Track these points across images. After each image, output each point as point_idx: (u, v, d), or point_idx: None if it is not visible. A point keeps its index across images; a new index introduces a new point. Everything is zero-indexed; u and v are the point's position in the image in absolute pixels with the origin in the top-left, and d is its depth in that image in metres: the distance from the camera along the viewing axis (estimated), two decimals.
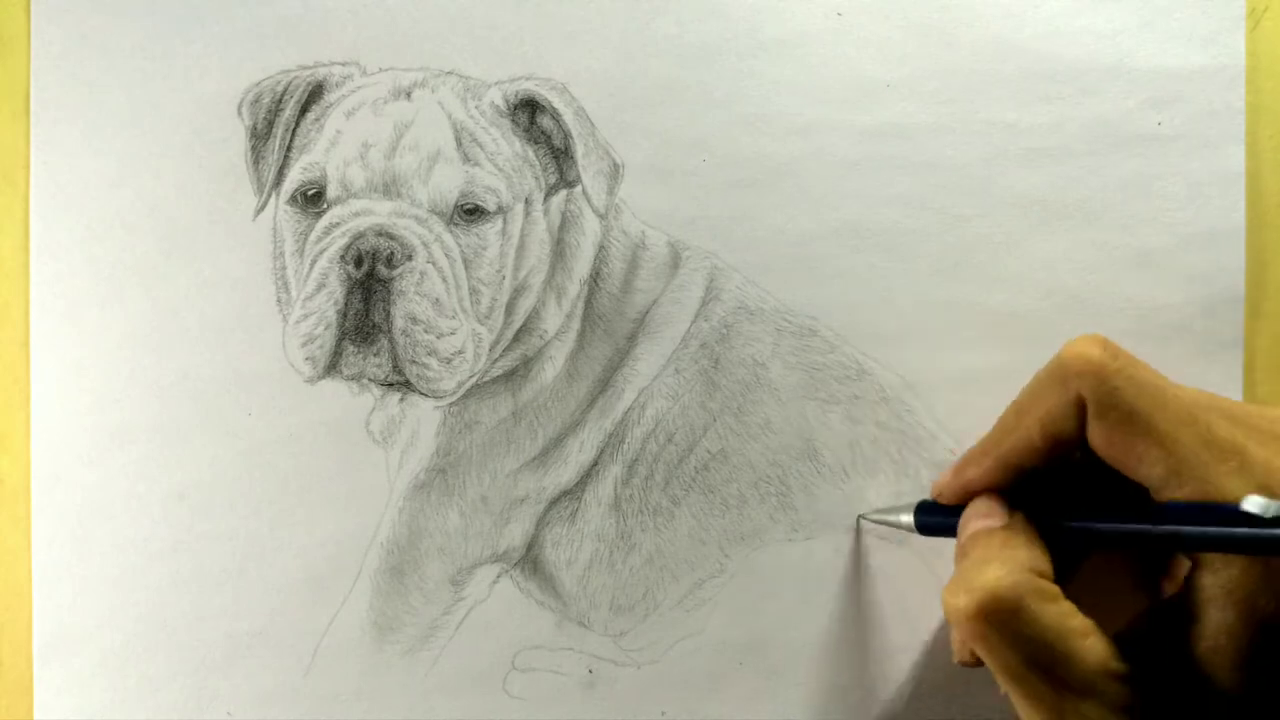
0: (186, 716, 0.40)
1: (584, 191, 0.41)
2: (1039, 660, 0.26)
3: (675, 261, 0.41)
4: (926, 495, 0.38)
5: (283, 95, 0.41)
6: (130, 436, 0.40)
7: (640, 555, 0.41)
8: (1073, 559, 0.32)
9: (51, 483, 0.40)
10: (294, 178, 0.40)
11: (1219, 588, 0.26)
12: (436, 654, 0.40)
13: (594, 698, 0.40)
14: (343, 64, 0.41)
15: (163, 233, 0.40)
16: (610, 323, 0.41)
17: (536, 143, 0.41)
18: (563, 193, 0.42)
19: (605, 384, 0.41)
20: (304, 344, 0.40)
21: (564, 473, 0.41)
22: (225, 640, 0.40)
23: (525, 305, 0.41)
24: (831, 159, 0.41)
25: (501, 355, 0.41)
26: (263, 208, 0.41)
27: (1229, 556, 0.26)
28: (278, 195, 0.41)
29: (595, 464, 0.41)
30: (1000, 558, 0.28)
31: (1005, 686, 0.28)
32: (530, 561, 0.41)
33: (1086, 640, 0.27)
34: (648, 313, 0.41)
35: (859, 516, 0.40)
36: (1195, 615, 0.27)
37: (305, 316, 0.40)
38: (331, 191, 0.40)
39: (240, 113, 0.41)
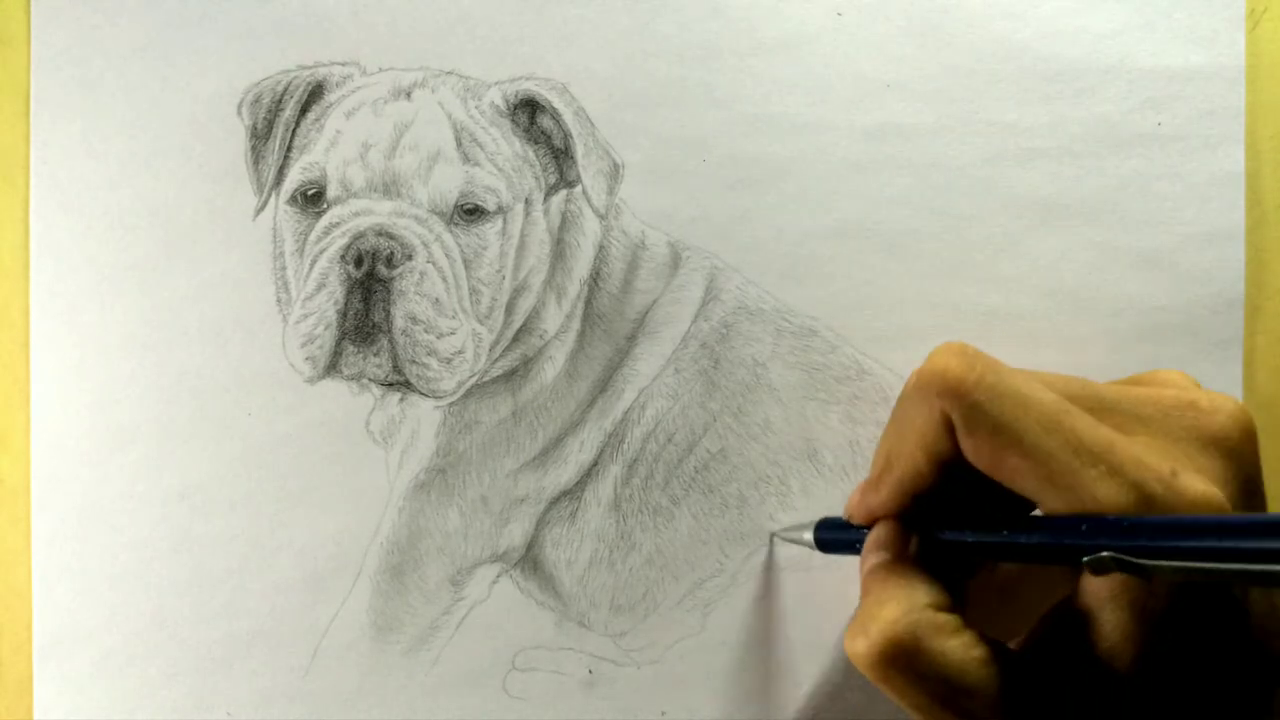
0: (186, 716, 0.40)
1: (584, 191, 0.41)
2: (943, 696, 0.26)
3: (675, 261, 0.41)
4: None
5: (283, 95, 0.41)
6: (130, 436, 0.40)
7: (640, 555, 0.41)
8: (968, 573, 0.32)
9: (51, 483, 0.40)
10: (294, 178, 0.40)
11: (1107, 591, 0.26)
12: (436, 654, 0.40)
13: (594, 698, 0.40)
14: (343, 64, 0.41)
15: (163, 233, 0.40)
16: (610, 323, 0.41)
17: (536, 143, 0.41)
18: (563, 193, 0.42)
19: (605, 384, 0.41)
20: (304, 344, 0.40)
21: (564, 473, 0.41)
22: (225, 640, 0.40)
23: (525, 305, 0.41)
24: (831, 159, 0.41)
25: (501, 355, 0.41)
26: (263, 208, 0.41)
27: None
28: (278, 195, 0.41)
29: (595, 464, 0.41)
30: (896, 597, 0.28)
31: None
32: (530, 561, 0.41)
33: (989, 669, 0.26)
34: (648, 313, 0.41)
35: (771, 534, 0.40)
36: (1089, 619, 0.27)
37: (305, 316, 0.40)
38: (331, 191, 0.40)
39: (240, 113, 0.41)
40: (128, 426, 0.40)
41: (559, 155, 0.41)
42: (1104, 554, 0.24)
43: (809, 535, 0.37)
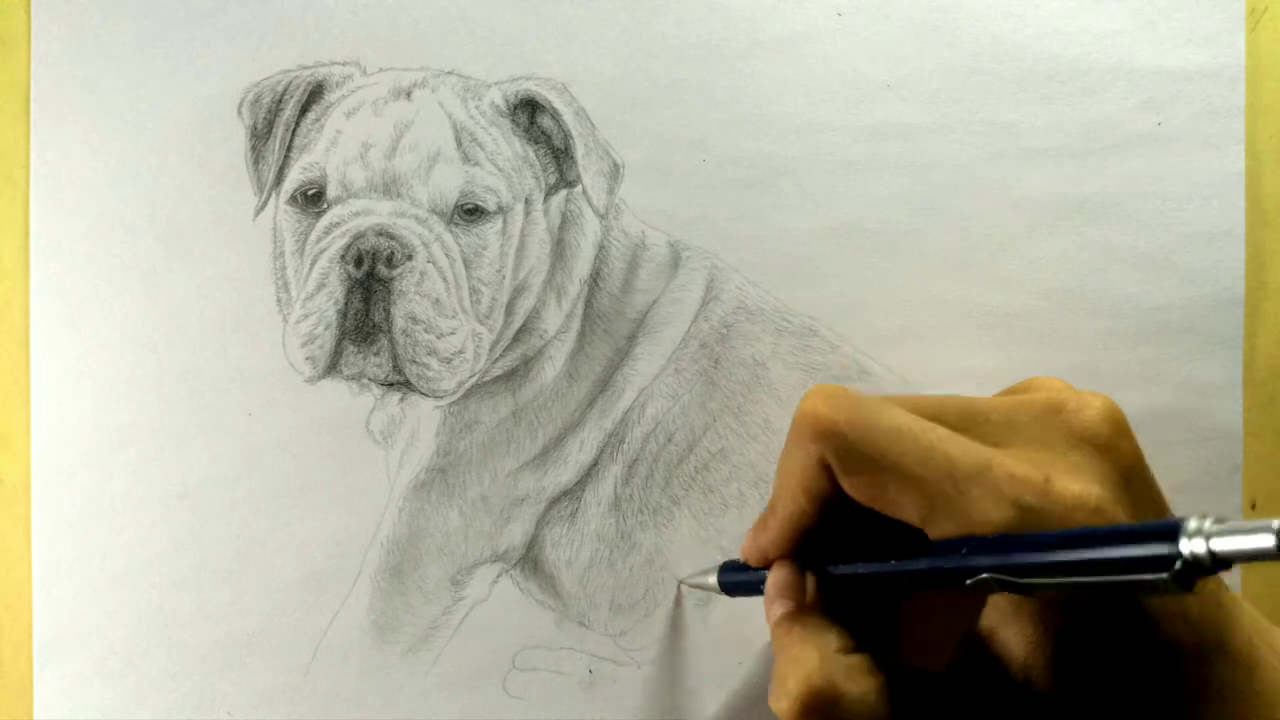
0: (186, 717, 0.40)
1: (584, 191, 0.41)
2: None
3: (675, 261, 0.41)
4: None
5: (283, 95, 0.41)
6: (130, 436, 0.40)
7: (640, 555, 0.41)
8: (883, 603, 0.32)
9: (51, 483, 0.40)
10: (294, 178, 0.40)
11: (1009, 607, 0.27)
12: (436, 654, 0.40)
13: (594, 698, 0.40)
14: (343, 64, 0.41)
15: (163, 233, 0.40)
16: (610, 323, 0.41)
17: (536, 143, 0.41)
18: (563, 193, 0.42)
19: (605, 384, 0.41)
20: (304, 344, 0.40)
21: (564, 472, 0.41)
22: (225, 640, 0.40)
23: (525, 305, 0.41)
24: (831, 159, 0.41)
25: (501, 355, 0.41)
26: (263, 208, 0.41)
27: None
28: (278, 195, 0.41)
29: (595, 464, 0.41)
30: (805, 650, 0.28)
31: None
32: (530, 561, 0.41)
33: (905, 704, 0.26)
34: (648, 313, 0.41)
35: (679, 582, 0.40)
36: (998, 636, 0.27)
37: (305, 316, 0.40)
38: (331, 191, 0.40)
39: (240, 113, 0.41)
40: (128, 426, 0.40)
41: (559, 155, 0.41)
42: (984, 575, 0.24)
43: (713, 579, 0.37)
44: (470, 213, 0.40)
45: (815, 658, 0.27)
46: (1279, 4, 0.42)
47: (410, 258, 0.39)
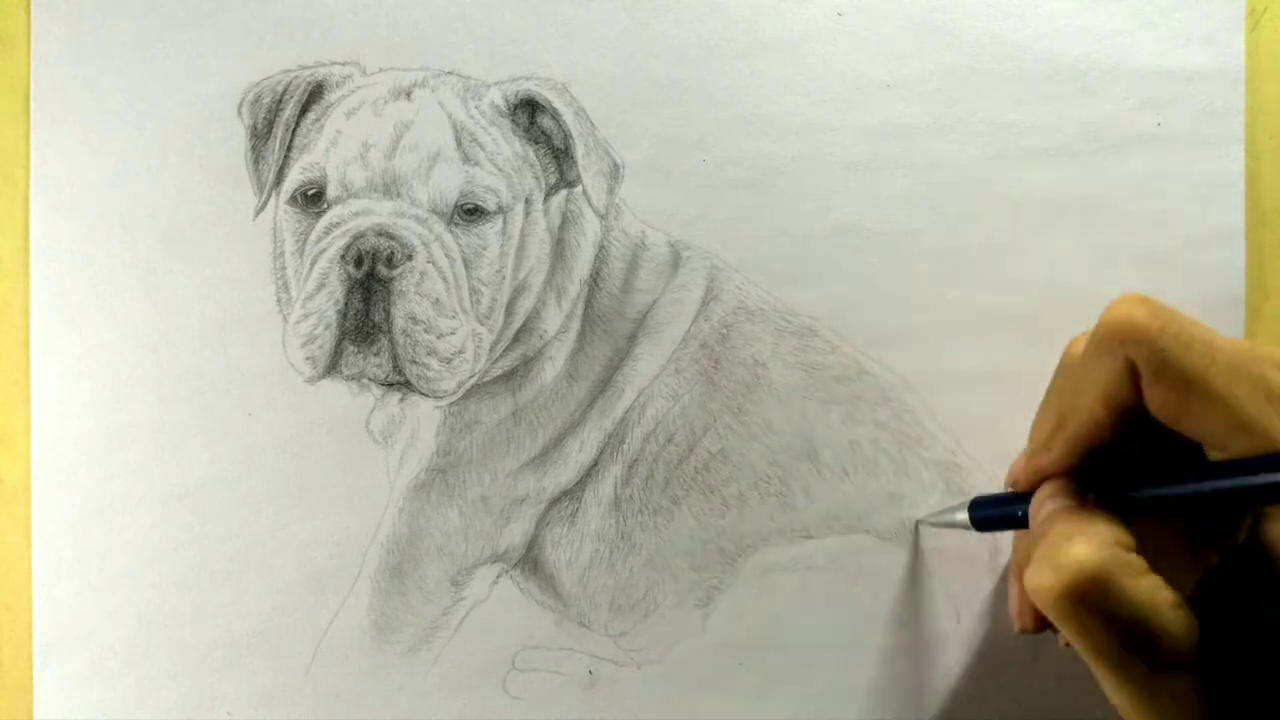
0: (186, 716, 0.40)
1: (584, 191, 0.41)
2: (1130, 637, 0.26)
3: (675, 261, 0.41)
4: (927, 495, 0.38)
5: (283, 95, 0.41)
6: (130, 436, 0.40)
7: (640, 555, 0.41)
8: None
9: (51, 483, 0.40)
10: (294, 178, 0.40)
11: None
12: (436, 654, 0.40)
13: (594, 698, 0.40)
14: (343, 64, 0.41)
15: (163, 233, 0.40)
16: (610, 323, 0.41)
17: (536, 143, 0.41)
18: (563, 193, 0.42)
19: (605, 384, 0.41)
20: (304, 344, 0.40)
21: (564, 473, 0.41)
22: (225, 640, 0.40)
23: (525, 305, 0.41)
24: (831, 159, 0.41)
25: (501, 355, 0.41)
26: (263, 208, 0.41)
27: None
28: (278, 195, 0.41)
29: (595, 464, 0.41)
30: (1084, 534, 0.27)
31: (1093, 665, 0.27)
32: (530, 561, 0.41)
33: (1177, 612, 0.26)
34: (648, 313, 0.41)
35: (916, 522, 0.40)
36: (1270, 566, 0.26)
37: (305, 316, 0.40)
38: (331, 191, 0.40)
39: (240, 113, 0.41)
40: (128, 426, 0.40)
41: (559, 155, 0.41)
42: None
43: (962, 515, 0.37)
44: (470, 213, 0.40)
45: (1094, 543, 0.27)
46: (1279, 4, 0.42)
47: (410, 258, 0.39)
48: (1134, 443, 0.29)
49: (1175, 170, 0.41)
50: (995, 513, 0.35)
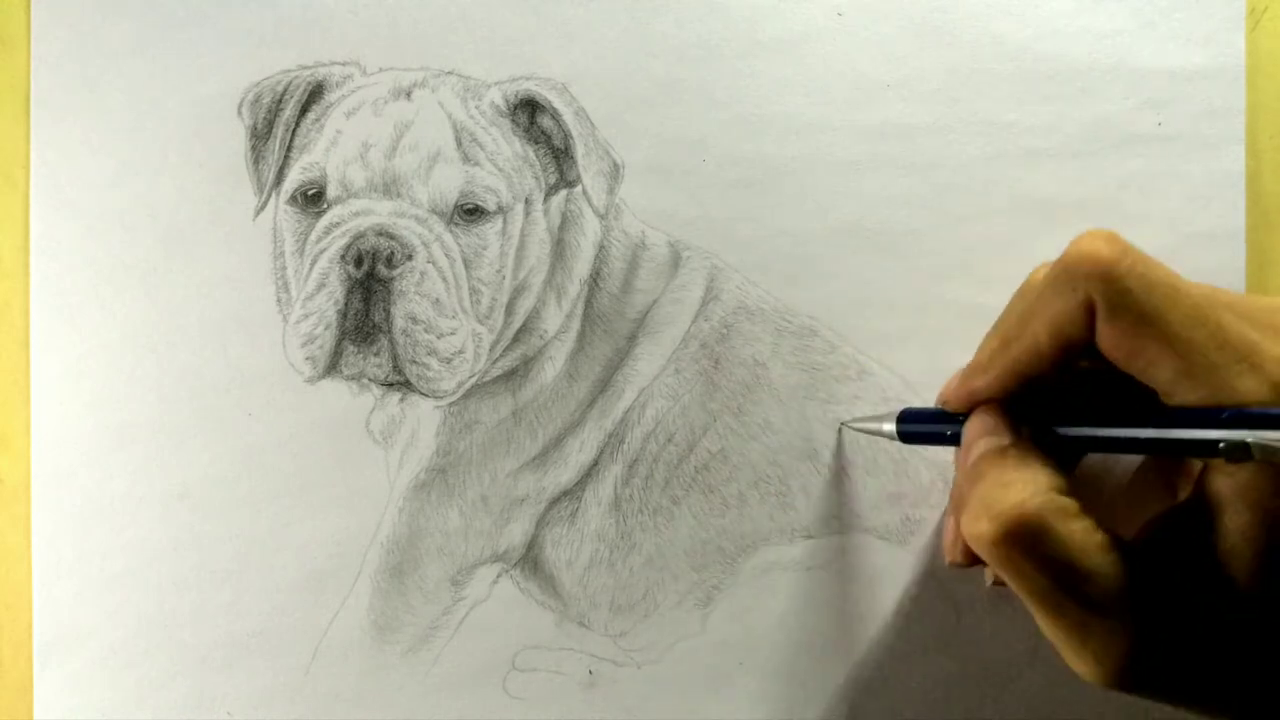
0: (186, 716, 0.40)
1: (584, 191, 0.41)
2: (1065, 580, 0.26)
3: (675, 261, 0.41)
4: (928, 494, 0.38)
5: (283, 95, 0.41)
6: (130, 436, 0.40)
7: (640, 555, 0.41)
8: (1068, 464, 0.31)
9: (51, 483, 0.40)
10: (294, 178, 0.40)
11: (1232, 490, 0.26)
12: (436, 654, 0.40)
13: (594, 698, 0.40)
14: (343, 64, 0.41)
15: (163, 233, 0.40)
16: (610, 323, 0.41)
17: (536, 143, 0.41)
18: (563, 193, 0.42)
19: (605, 384, 0.41)
20: (304, 344, 0.40)
21: (564, 473, 0.41)
22: (225, 640, 0.40)
23: (525, 305, 0.41)
24: (831, 159, 0.41)
25: (501, 355, 0.41)
26: (263, 208, 0.41)
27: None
28: (278, 195, 0.41)
29: (595, 464, 0.41)
30: (1020, 478, 0.28)
31: (1028, 604, 0.28)
32: (530, 561, 0.41)
33: (1108, 555, 0.26)
34: (648, 313, 0.41)
35: (841, 424, 0.40)
36: (1210, 519, 0.26)
37: (305, 316, 0.40)
38: (331, 191, 0.40)
39: (240, 113, 0.41)
40: (128, 426, 0.40)
41: (559, 155, 0.41)
42: (1246, 439, 0.24)
43: (889, 426, 0.36)
44: (470, 213, 0.40)
45: (1029, 488, 0.27)
46: (1279, 4, 0.42)
47: (410, 258, 0.39)
48: (1075, 384, 0.29)
49: (1175, 170, 0.41)
50: (924, 429, 0.35)
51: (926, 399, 0.41)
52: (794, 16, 0.41)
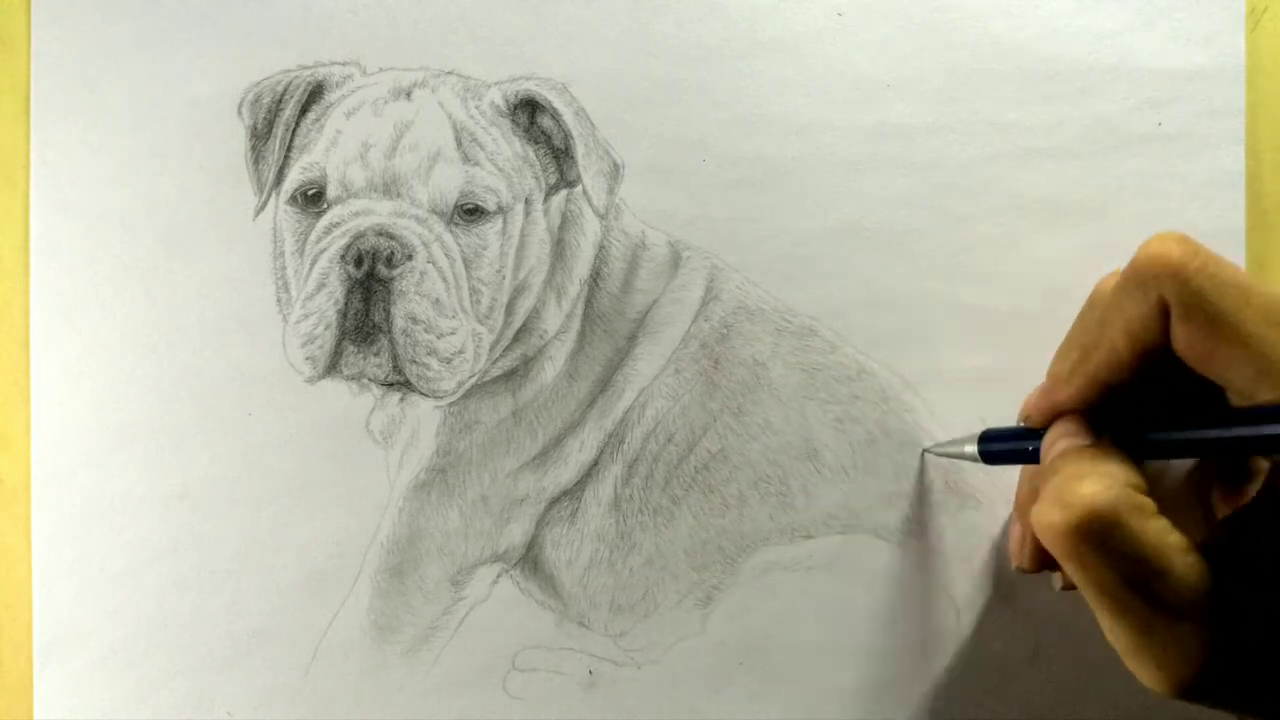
0: (186, 716, 0.40)
1: (584, 191, 0.41)
2: (1135, 578, 0.26)
3: (675, 261, 0.41)
4: (927, 494, 0.38)
5: (283, 95, 0.41)
6: (130, 436, 0.40)
7: (640, 555, 0.41)
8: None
9: (51, 483, 0.40)
10: (294, 178, 0.40)
11: None
12: (436, 654, 0.40)
13: (594, 698, 0.40)
14: (343, 64, 0.41)
15: (163, 233, 0.40)
16: (610, 323, 0.41)
17: (536, 143, 0.41)
18: (563, 193, 0.42)
19: (605, 384, 0.41)
20: (304, 344, 0.40)
21: (564, 473, 0.41)
22: (225, 640, 0.40)
23: (525, 305, 0.41)
24: (831, 159, 0.41)
25: (501, 355, 0.41)
26: (263, 208, 0.41)
27: None
28: (278, 195, 0.41)
29: (595, 464, 0.41)
30: (1095, 472, 0.27)
31: (1094, 604, 0.27)
32: (530, 561, 0.41)
33: (1186, 557, 0.26)
34: (648, 313, 0.41)
35: (923, 450, 0.40)
36: None
37: (305, 316, 0.40)
38: (331, 191, 0.40)
39: (240, 113, 0.41)
40: (128, 426, 0.40)
41: (559, 155, 0.41)
42: None
43: (971, 448, 0.36)
44: (470, 213, 0.40)
45: (1105, 481, 0.27)
46: (1279, 4, 0.42)
47: (410, 258, 0.39)
48: (1153, 391, 0.29)
49: (1175, 170, 0.41)
50: (1006, 447, 0.35)
51: (927, 399, 0.41)
52: (794, 16, 0.41)
